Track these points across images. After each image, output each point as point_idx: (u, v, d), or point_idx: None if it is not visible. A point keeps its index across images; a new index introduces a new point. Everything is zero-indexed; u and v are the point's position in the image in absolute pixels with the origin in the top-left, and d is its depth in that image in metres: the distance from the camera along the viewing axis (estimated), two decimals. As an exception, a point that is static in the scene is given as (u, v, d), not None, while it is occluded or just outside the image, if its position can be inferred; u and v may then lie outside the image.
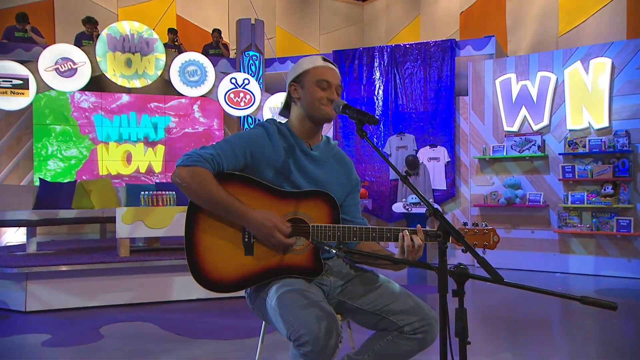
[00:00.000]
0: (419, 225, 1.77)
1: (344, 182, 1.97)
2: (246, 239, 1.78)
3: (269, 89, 8.54)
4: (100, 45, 6.93)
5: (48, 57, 6.74)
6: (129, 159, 8.34)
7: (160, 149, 8.51)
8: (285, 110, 1.99)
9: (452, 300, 1.32)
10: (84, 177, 7.97)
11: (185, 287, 4.75)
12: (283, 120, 1.97)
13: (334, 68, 1.90)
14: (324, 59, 1.90)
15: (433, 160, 7.61)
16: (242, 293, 1.90)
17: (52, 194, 6.48)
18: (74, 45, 7.21)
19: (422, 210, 7.13)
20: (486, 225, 1.81)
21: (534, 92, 6.83)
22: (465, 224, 1.82)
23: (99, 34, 7.45)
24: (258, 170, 1.82)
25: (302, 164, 1.86)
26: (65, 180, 7.40)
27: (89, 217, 5.78)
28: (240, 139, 1.81)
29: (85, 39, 8.10)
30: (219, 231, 1.78)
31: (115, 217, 4.89)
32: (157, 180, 8.35)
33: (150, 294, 4.71)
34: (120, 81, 7.01)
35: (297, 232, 1.78)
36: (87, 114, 8.15)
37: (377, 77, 8.15)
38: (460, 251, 1.55)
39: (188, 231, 1.78)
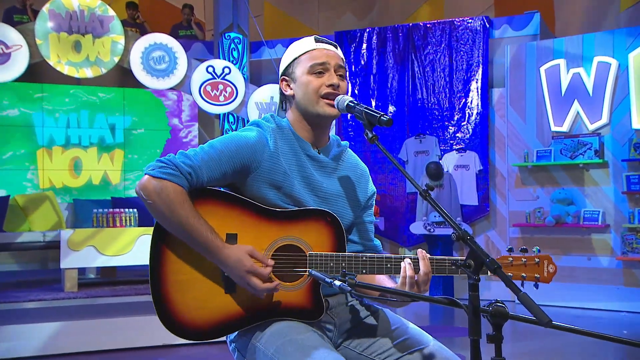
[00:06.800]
0: (420, 250, 1.76)
1: (358, 196, 1.97)
2: (226, 273, 1.76)
3: (255, 80, 8.58)
4: (41, 24, 6.94)
5: (-25, 40, 6.76)
6: (77, 167, 8.35)
7: (119, 154, 8.53)
8: (283, 112, 1.98)
9: (486, 347, 1.33)
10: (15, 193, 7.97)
11: (149, 331, 4.71)
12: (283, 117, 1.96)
13: (330, 48, 1.89)
14: (317, 39, 1.90)
15: (461, 168, 7.63)
16: (222, 337, 1.90)
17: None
18: (3, 22, 7.21)
19: (448, 231, 7.13)
20: (538, 252, 1.77)
21: (589, 83, 6.85)
22: (510, 249, 1.80)
23: (35, 10, 7.44)
24: (252, 184, 1.81)
25: (308, 172, 1.87)
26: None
27: (25, 243, 5.76)
28: (230, 145, 1.78)
29: (17, 13, 8.08)
30: (193, 262, 1.77)
31: (59, 241, 4.88)
32: (114, 195, 8.36)
33: (105, 340, 4.67)
34: (66, 70, 7.02)
35: (288, 265, 1.77)
36: (22, 109, 8.16)
37: (391, 65, 8.18)
38: (496, 282, 1.55)
39: (154, 261, 1.77)
